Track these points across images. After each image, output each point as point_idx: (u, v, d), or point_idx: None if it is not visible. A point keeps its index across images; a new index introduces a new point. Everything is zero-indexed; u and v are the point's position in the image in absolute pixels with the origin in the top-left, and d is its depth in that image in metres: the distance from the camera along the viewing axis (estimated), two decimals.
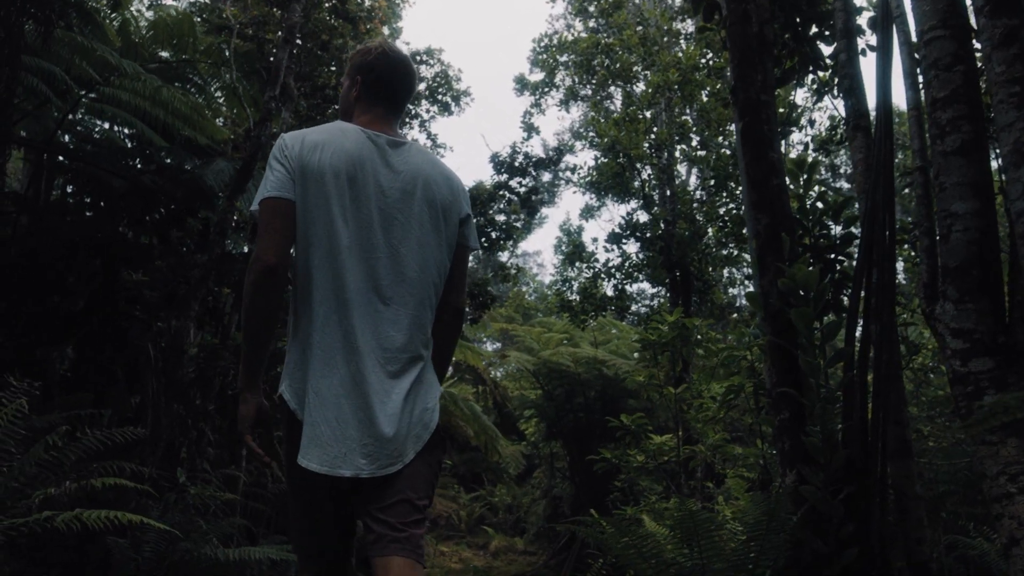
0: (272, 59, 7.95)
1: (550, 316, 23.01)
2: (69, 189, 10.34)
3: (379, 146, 2.35)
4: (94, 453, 5.45)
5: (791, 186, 4.76)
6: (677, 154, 13.37)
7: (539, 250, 53.31)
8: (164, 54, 10.14)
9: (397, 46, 2.59)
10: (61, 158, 8.91)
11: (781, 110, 10.01)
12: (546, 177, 38.51)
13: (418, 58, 16.28)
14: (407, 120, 15.66)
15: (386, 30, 16.62)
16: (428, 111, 16.53)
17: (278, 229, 2.24)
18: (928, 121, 3.52)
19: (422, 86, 16.07)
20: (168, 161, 8.84)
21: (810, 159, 4.88)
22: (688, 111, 12.65)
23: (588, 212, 17.58)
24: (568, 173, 15.97)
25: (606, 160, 12.52)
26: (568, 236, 14.30)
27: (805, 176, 4.72)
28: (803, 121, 10.47)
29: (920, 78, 3.91)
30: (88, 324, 7.92)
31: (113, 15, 9.82)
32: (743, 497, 6.38)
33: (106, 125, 9.41)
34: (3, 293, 9.32)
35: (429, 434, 2.29)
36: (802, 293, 3.82)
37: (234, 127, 10.49)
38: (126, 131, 9.40)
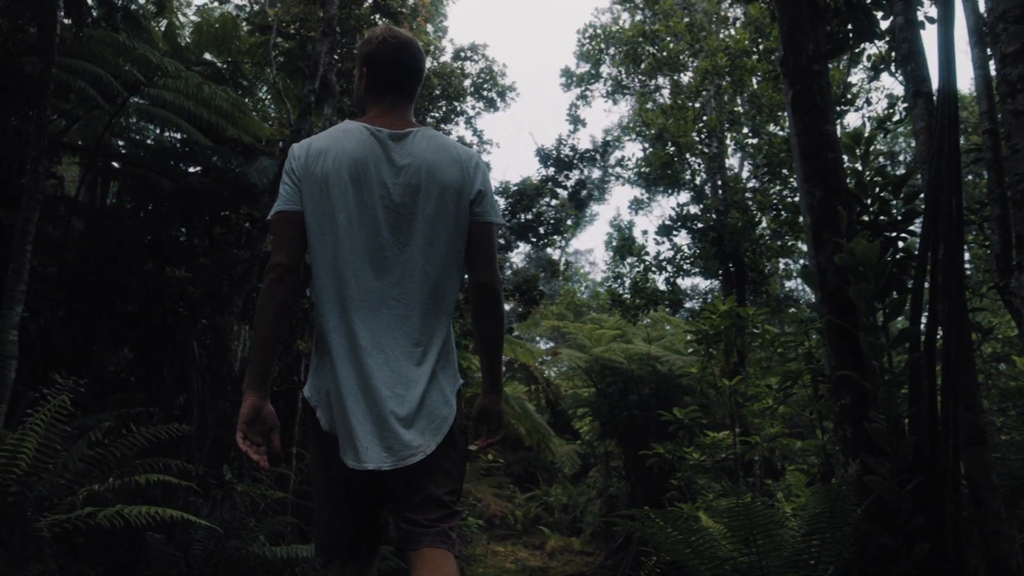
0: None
1: (602, 313, 22.75)
2: (115, 190, 10.50)
3: (382, 141, 2.36)
4: (140, 450, 5.44)
5: (847, 161, 4.49)
6: (728, 141, 13.00)
7: (591, 248, 52.95)
8: (208, 56, 10.21)
9: (400, 31, 2.54)
10: (114, 163, 9.02)
11: (835, 89, 9.63)
12: (596, 174, 38.31)
13: (463, 54, 16.20)
14: (452, 117, 15.59)
15: (430, 28, 16.55)
16: (474, 107, 16.45)
17: (287, 239, 2.34)
18: (997, 79, 3.24)
19: (467, 82, 15.98)
20: (214, 160, 8.87)
21: (867, 133, 4.60)
22: (739, 98, 12.28)
23: (637, 205, 17.24)
24: (617, 168, 15.73)
25: (654, 150, 12.22)
26: (618, 231, 14.00)
27: (862, 149, 4.44)
28: (859, 101, 10.06)
29: (987, 33, 3.62)
30: (143, 325, 8.01)
31: (159, 20, 9.91)
32: (803, 492, 6.09)
33: (152, 127, 9.48)
34: (60, 296, 9.49)
35: (448, 425, 2.27)
36: (862, 269, 3.56)
37: (281, 128, 10.51)
38: (173, 134, 9.47)
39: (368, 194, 2.30)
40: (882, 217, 4.54)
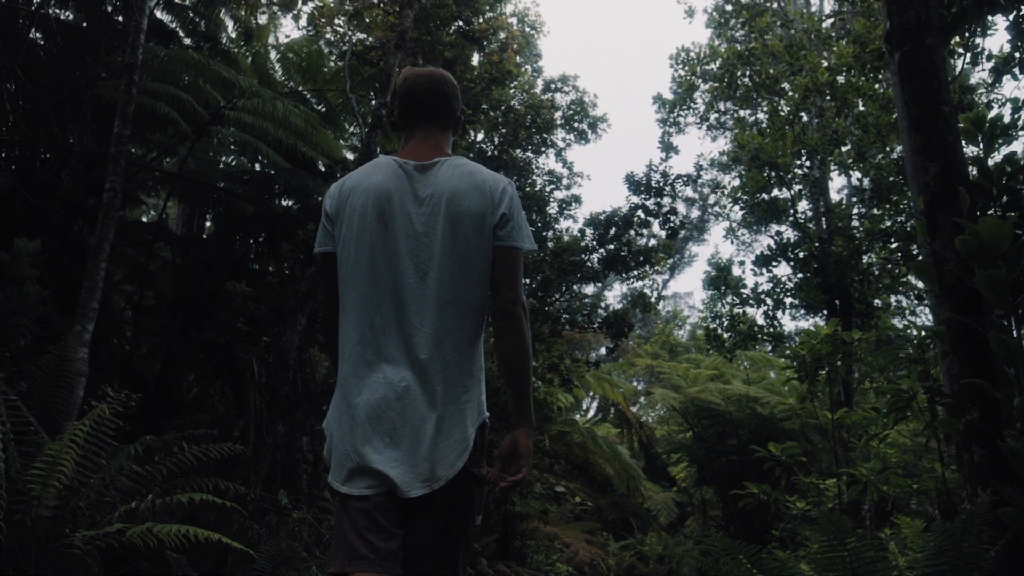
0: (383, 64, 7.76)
1: (699, 354, 21.82)
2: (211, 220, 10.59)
3: (408, 174, 2.41)
4: (188, 470, 5.18)
5: (966, 145, 3.84)
6: (831, 164, 12.19)
7: (690, 291, 51.57)
8: (291, 84, 10.24)
9: (425, 68, 2.66)
10: (196, 188, 9.04)
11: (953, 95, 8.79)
12: (694, 213, 37.33)
13: (553, 86, 15.94)
14: (543, 149, 15.29)
15: (519, 60, 16.39)
16: (564, 140, 16.12)
17: (327, 283, 2.49)
18: None
19: (557, 114, 15.69)
20: (293, 184, 8.78)
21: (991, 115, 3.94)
22: (843, 120, 11.50)
23: (731, 233, 16.42)
24: (712, 197, 15.05)
25: (750, 173, 11.53)
26: (715, 264, 13.28)
27: (986, 131, 3.79)
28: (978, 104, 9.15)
29: None
30: (225, 352, 7.91)
31: (247, 51, 9.99)
32: (919, 541, 5.27)
33: (234, 148, 9.50)
34: (153, 325, 9.57)
35: (455, 471, 2.25)
36: (990, 255, 2.92)
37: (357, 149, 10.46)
38: (251, 160, 9.47)
39: (392, 226, 2.35)
40: (1011, 213, 3.85)
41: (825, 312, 12.29)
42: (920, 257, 3.59)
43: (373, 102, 7.09)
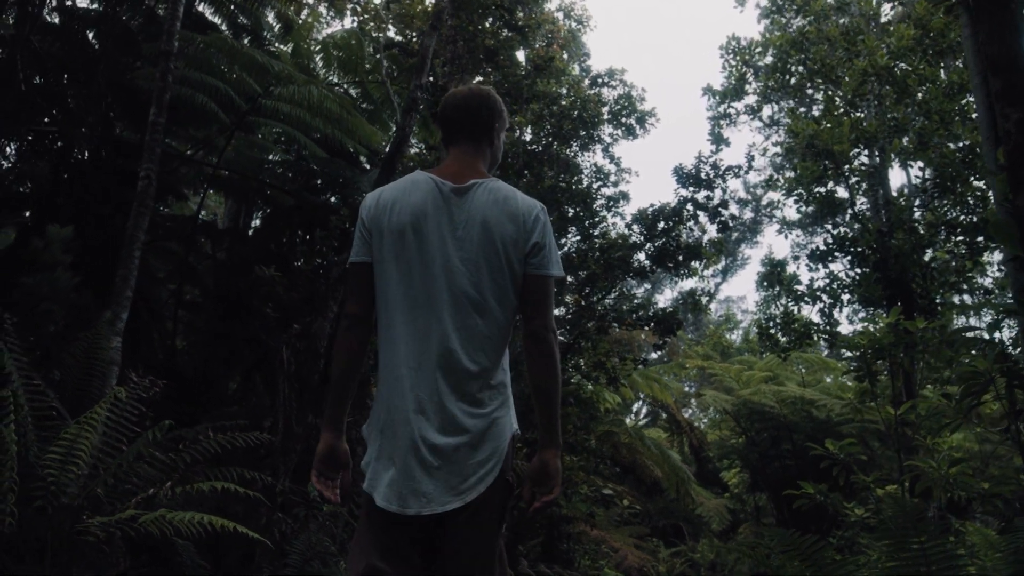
0: (419, 46, 7.54)
1: (752, 356, 21.20)
2: (257, 215, 10.51)
3: (445, 196, 2.48)
4: (214, 459, 5.00)
5: None
6: (891, 154, 11.62)
7: (743, 295, 50.56)
8: (333, 78, 10.12)
9: (468, 88, 2.75)
10: (231, 179, 8.94)
11: None
12: (747, 214, 36.46)
13: (600, 80, 15.62)
14: (589, 145, 14.97)
15: (566, 56, 16.12)
16: (611, 135, 15.80)
17: (358, 289, 2.51)
18: None
19: (604, 109, 15.37)
20: (332, 174, 8.63)
21: None
22: (903, 105, 10.94)
23: (785, 227, 15.85)
24: (769, 208, 14.56)
25: (804, 163, 11.02)
26: (768, 262, 12.77)
27: None
28: None
29: None
30: (257, 341, 7.78)
31: (287, 43, 9.90)
32: (992, 548, 4.82)
33: (276, 134, 9.39)
34: (199, 321, 9.52)
35: (493, 475, 2.35)
36: None
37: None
38: (285, 149, 9.35)
39: (428, 247, 2.42)
40: None
41: (884, 309, 11.73)
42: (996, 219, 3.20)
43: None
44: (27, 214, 7.93)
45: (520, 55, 13.87)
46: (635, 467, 14.69)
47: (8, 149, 7.43)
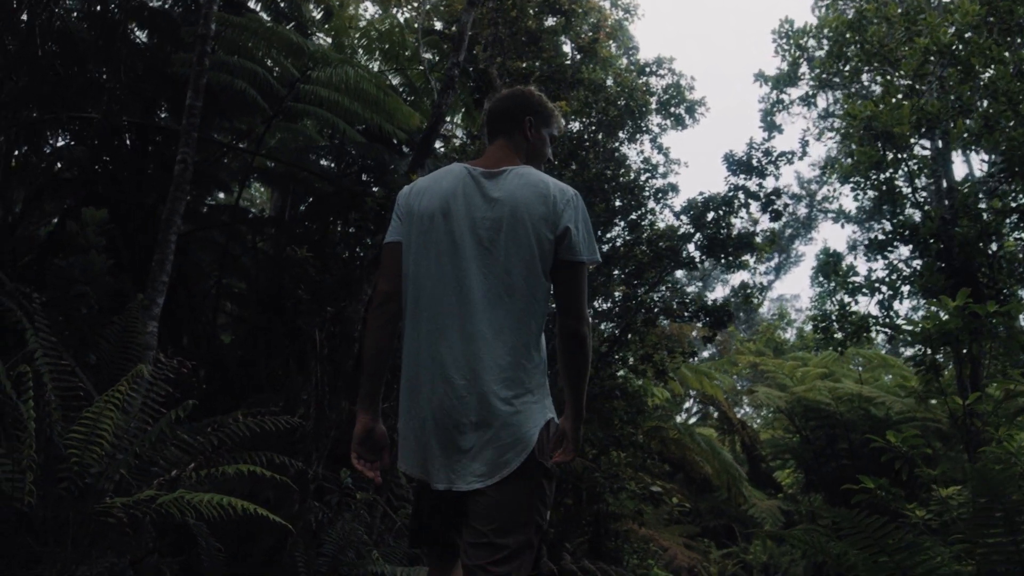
0: (456, 25, 7.34)
1: (807, 353, 20.60)
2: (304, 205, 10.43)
3: (475, 179, 2.53)
4: (245, 443, 4.86)
5: None
6: (955, 137, 11.04)
7: (796, 293, 49.45)
8: (374, 67, 10.00)
9: (503, 91, 2.90)
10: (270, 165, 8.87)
11: None
12: (801, 210, 35.53)
13: (648, 69, 15.25)
14: (637, 136, 14.61)
15: (613, 46, 15.79)
16: (660, 125, 15.40)
17: (391, 268, 2.58)
18: None
19: (652, 99, 14.99)
20: (369, 162, 8.49)
21: None
22: (967, 85, 10.38)
23: (842, 217, 15.27)
24: (825, 203, 14.04)
25: (861, 149, 10.52)
26: (824, 253, 12.23)
27: None
28: None
29: None
30: (290, 324, 7.67)
31: (327, 28, 9.80)
32: None
33: (308, 122, 9.30)
34: (245, 314, 9.48)
35: (519, 460, 2.34)
36: None
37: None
38: (324, 136, 9.24)
39: (458, 228, 2.45)
40: None
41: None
42: None
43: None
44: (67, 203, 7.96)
45: (566, 47, 13.63)
46: (684, 464, 14.31)
47: (48, 136, 7.45)
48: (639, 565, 13.41)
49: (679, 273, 14.93)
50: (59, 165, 7.90)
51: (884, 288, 11.45)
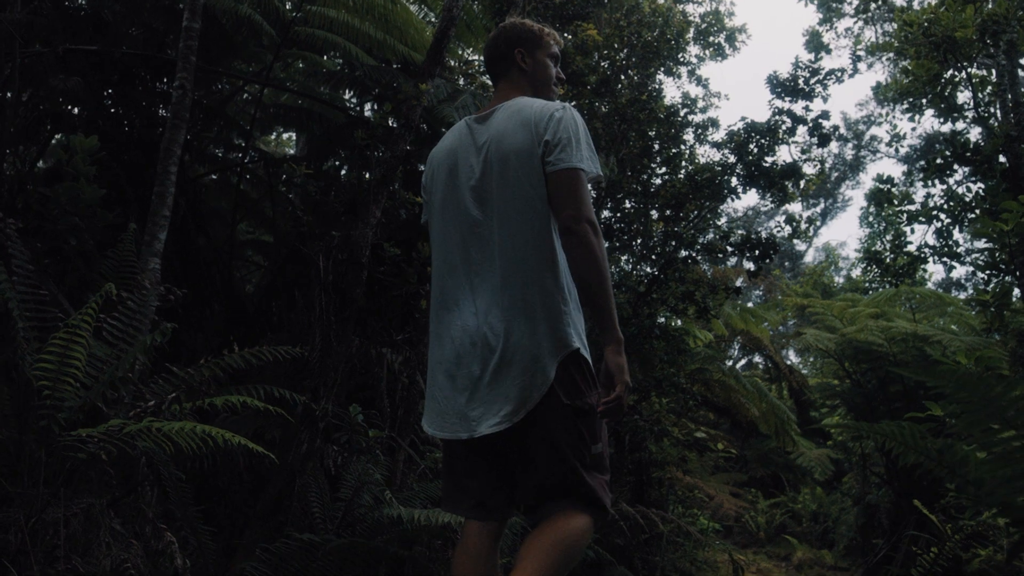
0: None
1: (856, 295, 19.76)
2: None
3: (470, 127, 2.58)
4: (238, 375, 4.44)
5: None
6: (1022, 45, 10.11)
7: (843, 240, 48.03)
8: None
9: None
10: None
11: None
12: (848, 153, 34.13)
13: None
14: (673, 68, 13.81)
15: None
16: (697, 56, 14.60)
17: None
18: None
19: (691, 28, 14.14)
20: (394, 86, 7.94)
21: None
22: None
23: (896, 140, 14.36)
24: (874, 143, 13.16)
25: (917, 62, 9.65)
26: (879, 180, 11.36)
27: None
28: None
29: None
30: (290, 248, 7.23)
31: None
32: None
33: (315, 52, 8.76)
34: (272, 265, 9.10)
35: (542, 391, 2.29)
36: None
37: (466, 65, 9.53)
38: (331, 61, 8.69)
39: (458, 179, 2.53)
40: None
41: None
42: None
43: None
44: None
45: None
46: (730, 408, 13.75)
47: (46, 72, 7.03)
48: (684, 513, 12.97)
49: (722, 220, 14.23)
50: (60, 100, 7.48)
51: (943, 216, 10.66)
